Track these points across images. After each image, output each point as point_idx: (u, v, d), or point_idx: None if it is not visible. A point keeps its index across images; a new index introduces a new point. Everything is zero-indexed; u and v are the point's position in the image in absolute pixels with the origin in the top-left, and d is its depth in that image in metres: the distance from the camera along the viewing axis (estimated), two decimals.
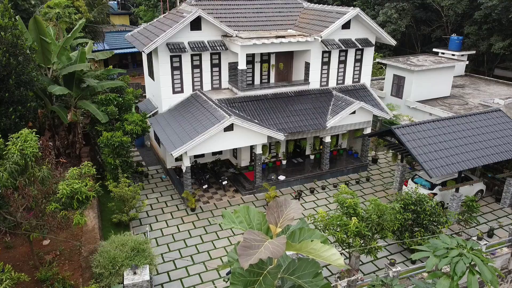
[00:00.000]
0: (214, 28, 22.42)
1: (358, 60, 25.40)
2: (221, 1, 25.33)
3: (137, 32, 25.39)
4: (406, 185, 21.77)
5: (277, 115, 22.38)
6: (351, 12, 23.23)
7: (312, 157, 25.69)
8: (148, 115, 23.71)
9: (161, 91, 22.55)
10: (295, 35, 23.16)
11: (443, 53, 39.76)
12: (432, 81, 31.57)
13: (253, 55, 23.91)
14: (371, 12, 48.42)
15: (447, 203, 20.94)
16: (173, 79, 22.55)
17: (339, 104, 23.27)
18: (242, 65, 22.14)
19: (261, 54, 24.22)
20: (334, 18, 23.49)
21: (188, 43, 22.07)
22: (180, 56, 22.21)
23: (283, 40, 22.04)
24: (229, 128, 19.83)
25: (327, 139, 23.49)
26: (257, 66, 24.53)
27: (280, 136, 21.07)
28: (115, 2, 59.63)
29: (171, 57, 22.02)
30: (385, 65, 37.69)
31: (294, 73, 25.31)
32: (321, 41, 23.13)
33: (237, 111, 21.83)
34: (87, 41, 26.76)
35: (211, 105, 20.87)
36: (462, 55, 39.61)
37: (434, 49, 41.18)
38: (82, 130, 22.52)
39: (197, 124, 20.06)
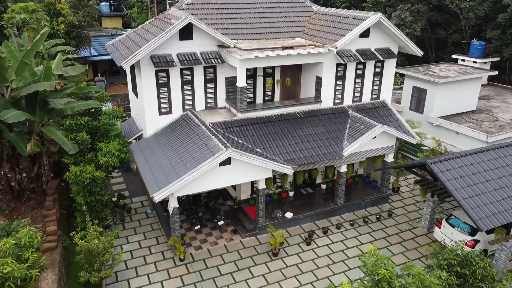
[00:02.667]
0: (208, 37, 18.70)
1: (378, 74, 21.64)
2: (217, 4, 21.56)
3: (118, 41, 21.66)
4: (439, 227, 18.04)
5: (284, 142, 18.64)
6: (372, 18, 19.48)
7: (323, 186, 21.95)
8: (130, 139, 20.03)
9: (145, 112, 18.85)
10: (305, 45, 19.38)
11: (463, 60, 35.97)
12: (457, 94, 27.85)
13: (254, 68, 20.17)
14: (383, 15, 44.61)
15: (491, 251, 17.23)
16: (159, 98, 18.81)
17: (357, 127, 19.54)
18: (241, 82, 18.41)
19: (264, 68, 20.48)
20: (351, 24, 19.74)
21: (177, 55, 18.37)
22: (167, 71, 18.51)
23: (290, 51, 18.30)
24: (226, 162, 16.12)
25: (343, 169, 19.76)
26: (260, 81, 20.75)
27: (288, 170, 17.35)
28: (107, 3, 55.88)
29: (157, 72, 18.32)
30: (402, 74, 34.01)
31: (302, 90, 21.52)
32: (336, 52, 19.40)
33: (235, 138, 18.11)
34: (71, 49, 23.11)
35: (204, 131, 17.16)
36: (485, 62, 35.84)
37: (454, 56, 37.33)
38: (51, 159, 18.81)
39: (187, 157, 16.34)
